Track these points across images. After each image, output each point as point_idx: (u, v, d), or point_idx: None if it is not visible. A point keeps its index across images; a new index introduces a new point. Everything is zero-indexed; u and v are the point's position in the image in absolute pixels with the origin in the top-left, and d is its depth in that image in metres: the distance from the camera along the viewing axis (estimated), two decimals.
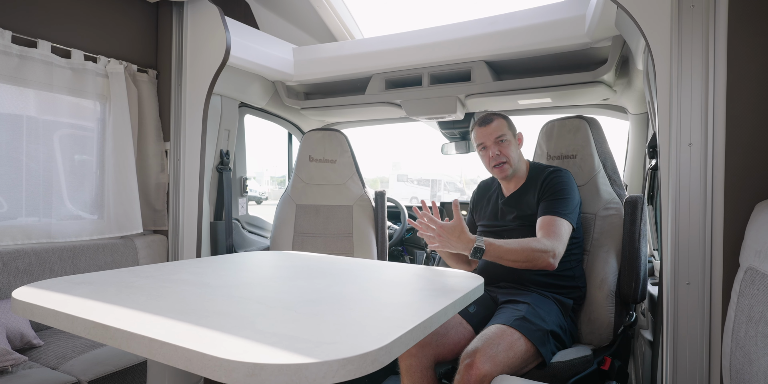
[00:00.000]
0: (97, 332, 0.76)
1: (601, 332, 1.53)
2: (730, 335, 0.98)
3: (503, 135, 1.58)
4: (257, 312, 0.82)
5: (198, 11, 2.08)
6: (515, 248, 1.33)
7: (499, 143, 1.58)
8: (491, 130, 1.59)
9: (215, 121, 2.39)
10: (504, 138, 1.58)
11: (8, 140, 1.75)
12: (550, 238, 1.39)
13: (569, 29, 1.84)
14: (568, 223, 1.46)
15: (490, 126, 1.59)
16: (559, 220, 1.44)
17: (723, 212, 1.16)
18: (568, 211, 1.47)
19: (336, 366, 0.60)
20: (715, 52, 1.17)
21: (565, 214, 1.46)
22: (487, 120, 1.61)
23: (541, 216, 1.48)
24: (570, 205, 1.49)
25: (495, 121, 1.60)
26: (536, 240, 1.38)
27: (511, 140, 1.60)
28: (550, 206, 1.49)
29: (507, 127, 1.61)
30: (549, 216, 1.46)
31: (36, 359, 1.52)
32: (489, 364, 1.18)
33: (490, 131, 1.59)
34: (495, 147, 1.58)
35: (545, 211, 1.48)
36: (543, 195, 1.54)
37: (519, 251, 1.33)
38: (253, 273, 1.25)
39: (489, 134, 1.59)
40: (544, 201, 1.52)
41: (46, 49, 1.81)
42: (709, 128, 1.18)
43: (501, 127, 1.59)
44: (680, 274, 1.21)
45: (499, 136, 1.58)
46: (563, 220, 1.45)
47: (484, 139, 1.60)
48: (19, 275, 1.69)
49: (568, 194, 1.52)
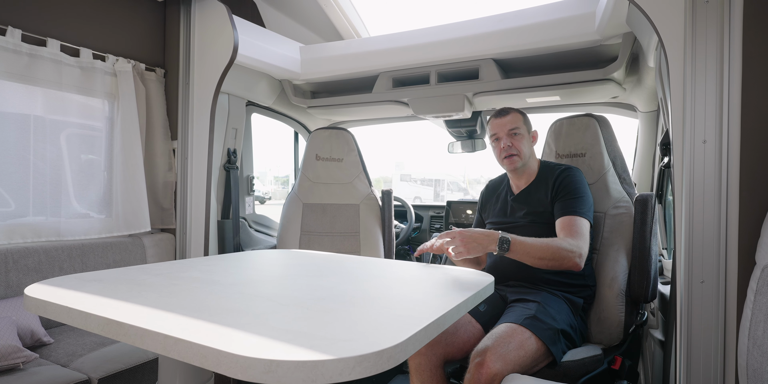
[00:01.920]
0: (111, 329, 0.76)
1: (611, 331, 1.51)
2: (746, 334, 0.97)
3: (517, 128, 1.59)
4: (270, 309, 0.82)
5: (206, 10, 2.08)
6: (541, 245, 1.32)
7: (511, 135, 1.59)
8: (506, 122, 1.60)
9: (222, 120, 2.39)
10: (517, 131, 1.59)
11: (17, 139, 1.76)
12: (574, 238, 1.39)
13: (579, 27, 1.82)
14: (587, 221, 1.47)
15: (505, 118, 1.61)
16: (579, 220, 1.45)
17: (738, 209, 1.14)
18: (585, 210, 1.48)
19: (352, 363, 0.60)
20: (730, 47, 1.16)
21: (583, 213, 1.47)
22: (504, 112, 1.62)
23: (560, 217, 1.48)
24: (586, 203, 1.50)
25: (511, 114, 1.62)
26: (561, 239, 1.38)
27: (524, 134, 1.60)
28: (568, 206, 1.48)
29: (522, 121, 1.62)
30: (569, 216, 1.46)
31: (46, 356, 1.53)
32: (500, 362, 1.18)
33: (504, 122, 1.60)
34: (507, 139, 1.59)
35: (564, 212, 1.48)
36: (557, 194, 1.54)
37: (545, 248, 1.31)
38: (263, 271, 1.25)
39: (503, 125, 1.60)
40: (560, 201, 1.52)
41: (55, 48, 1.81)
42: (723, 125, 1.17)
43: (516, 120, 1.60)
44: (694, 273, 1.20)
45: (512, 128, 1.59)
46: (583, 219, 1.46)
47: (498, 130, 1.61)
48: (29, 273, 1.70)
49: (583, 193, 1.52)
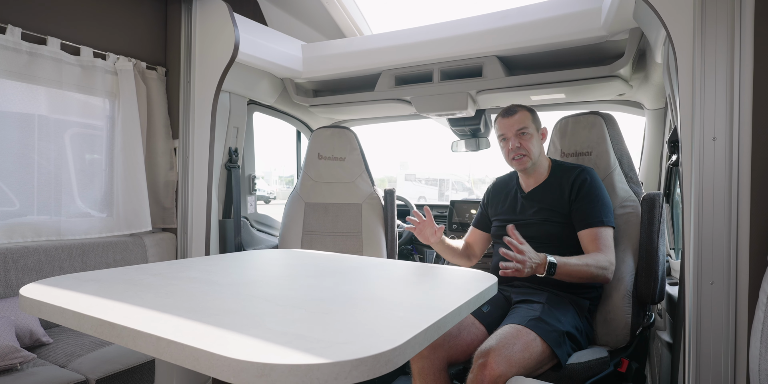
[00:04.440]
0: (104, 330, 0.74)
1: (618, 333, 1.49)
2: (758, 337, 0.94)
3: (525, 127, 1.55)
4: (267, 310, 0.80)
5: (207, 8, 2.07)
6: (581, 268, 1.35)
7: (520, 136, 1.55)
8: (513, 122, 1.56)
9: (224, 119, 2.38)
10: (526, 131, 1.55)
11: (19, 138, 1.75)
12: (604, 253, 1.41)
13: (584, 22, 1.79)
14: (612, 228, 1.48)
15: (513, 117, 1.56)
16: (605, 231, 1.46)
17: (749, 209, 1.11)
18: (609, 218, 1.48)
19: (348, 367, 0.58)
20: (741, 41, 1.12)
21: (608, 222, 1.47)
22: (511, 111, 1.58)
23: (585, 228, 1.47)
24: (608, 209, 1.50)
25: (519, 113, 1.57)
26: (595, 256, 1.40)
27: (533, 133, 1.56)
28: (591, 215, 1.47)
29: (531, 120, 1.58)
30: (595, 229, 1.46)
31: (45, 357, 1.52)
32: (504, 364, 1.15)
33: (512, 123, 1.56)
34: (515, 139, 1.55)
35: (588, 222, 1.47)
36: (576, 198, 1.51)
37: (585, 271, 1.35)
38: (262, 271, 1.23)
39: (511, 126, 1.56)
40: (581, 208, 1.49)
41: (55, 46, 1.80)
42: (734, 122, 1.13)
43: (524, 120, 1.56)
44: (704, 274, 1.17)
45: (521, 128, 1.55)
46: (608, 229, 1.47)
47: (506, 130, 1.57)
48: (29, 272, 1.69)
49: (604, 197, 1.51)
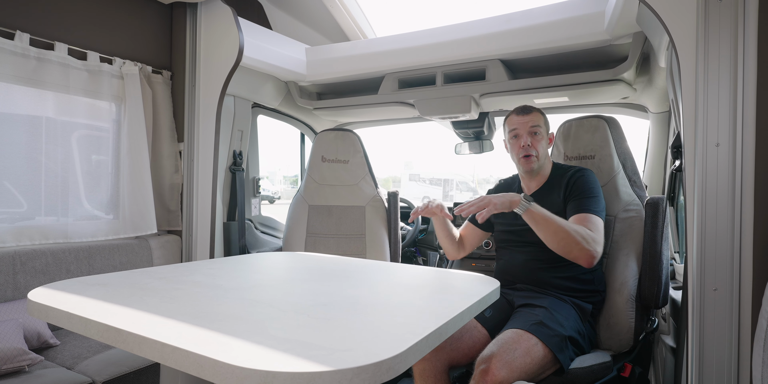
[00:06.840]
0: (110, 335, 0.75)
1: (621, 338, 1.48)
2: (761, 345, 0.93)
3: (538, 126, 1.57)
4: (270, 316, 0.81)
5: (211, 12, 2.09)
6: (560, 223, 1.34)
7: (532, 134, 1.57)
8: (528, 120, 1.57)
9: (228, 122, 2.40)
10: (538, 130, 1.57)
11: (28, 141, 1.78)
12: (591, 230, 1.39)
13: (588, 26, 1.79)
14: (601, 220, 1.45)
15: (527, 116, 1.58)
16: (594, 217, 1.43)
17: (753, 215, 1.11)
18: (599, 209, 1.46)
19: (350, 374, 0.58)
20: (744, 47, 1.12)
21: (598, 212, 1.45)
22: (527, 110, 1.60)
23: (574, 214, 1.46)
24: (600, 203, 1.48)
25: (533, 112, 1.60)
26: (580, 226, 1.38)
27: (543, 135, 1.59)
28: (582, 205, 1.46)
29: (543, 121, 1.60)
30: (583, 213, 1.44)
31: (52, 359, 1.54)
32: (505, 370, 1.15)
33: (526, 120, 1.57)
34: (528, 137, 1.56)
35: (577, 210, 1.46)
36: (570, 194, 1.51)
37: (564, 223, 1.34)
38: (266, 275, 1.24)
39: (525, 123, 1.57)
40: (573, 200, 1.49)
41: (62, 51, 1.82)
42: (737, 127, 1.13)
43: (537, 119, 1.58)
44: (706, 280, 1.16)
45: (534, 125, 1.57)
46: (597, 217, 1.44)
47: (519, 126, 1.58)
48: (37, 275, 1.71)
49: (597, 193, 1.50)
